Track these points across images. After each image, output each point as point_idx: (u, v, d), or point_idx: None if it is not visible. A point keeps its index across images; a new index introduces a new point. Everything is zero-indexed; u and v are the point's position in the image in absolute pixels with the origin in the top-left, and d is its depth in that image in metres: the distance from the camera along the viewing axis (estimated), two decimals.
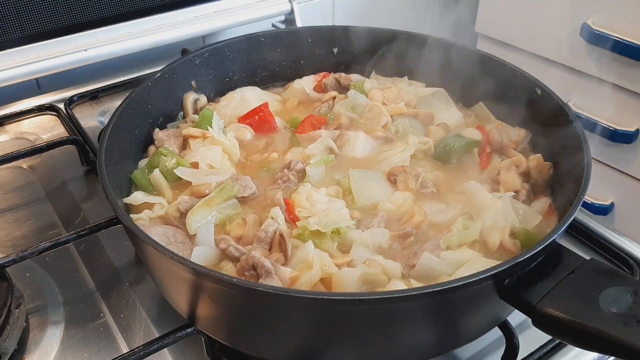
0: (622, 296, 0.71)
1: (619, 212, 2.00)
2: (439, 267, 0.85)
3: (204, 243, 0.90)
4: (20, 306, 0.93)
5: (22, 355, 0.90)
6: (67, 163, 1.29)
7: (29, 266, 1.04)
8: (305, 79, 1.33)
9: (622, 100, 1.84)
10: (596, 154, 1.87)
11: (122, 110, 1.03)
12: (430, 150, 1.12)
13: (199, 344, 0.88)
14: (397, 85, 1.28)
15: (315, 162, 1.06)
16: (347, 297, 0.72)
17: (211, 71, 1.27)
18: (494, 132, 1.13)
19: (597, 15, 1.80)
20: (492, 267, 0.73)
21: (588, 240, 1.11)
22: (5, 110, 1.44)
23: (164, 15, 1.57)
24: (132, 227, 0.80)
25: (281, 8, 1.74)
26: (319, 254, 0.87)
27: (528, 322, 0.76)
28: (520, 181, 1.04)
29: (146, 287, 1.01)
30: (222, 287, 0.73)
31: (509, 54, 2.04)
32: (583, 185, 0.87)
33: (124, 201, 0.98)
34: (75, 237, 0.98)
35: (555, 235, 0.77)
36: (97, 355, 0.91)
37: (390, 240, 0.93)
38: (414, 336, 0.81)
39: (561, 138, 1.01)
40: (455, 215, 0.96)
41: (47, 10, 1.41)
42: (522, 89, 1.12)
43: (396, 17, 2.24)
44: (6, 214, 1.18)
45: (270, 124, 1.19)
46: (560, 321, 0.71)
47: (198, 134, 1.10)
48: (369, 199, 1.00)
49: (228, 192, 0.97)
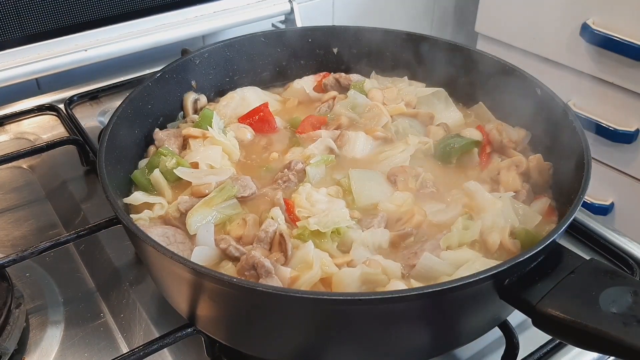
0: (622, 296, 0.71)
1: (619, 212, 2.00)
2: (439, 267, 0.85)
3: (204, 243, 0.90)
4: (20, 306, 0.93)
5: (22, 355, 0.90)
6: (67, 163, 1.29)
7: (29, 266, 1.04)
8: (305, 79, 1.33)
9: (622, 100, 1.84)
10: (596, 154, 1.87)
11: (122, 110, 1.03)
12: (430, 150, 1.12)
13: (199, 344, 0.88)
14: (397, 85, 1.28)
15: (315, 162, 1.06)
16: (347, 297, 0.72)
17: (211, 71, 1.27)
18: (494, 132, 1.13)
19: (597, 15, 1.80)
20: (492, 267, 0.73)
21: (588, 240, 1.11)
22: (5, 110, 1.44)
23: (164, 15, 1.57)
24: (132, 227, 0.80)
25: (281, 8, 1.74)
26: (319, 254, 0.87)
27: (528, 322, 0.76)
28: (520, 181, 1.04)
29: (146, 287, 1.01)
30: (222, 287, 0.73)
31: (509, 54, 2.04)
32: (583, 185, 0.87)
33: (124, 201, 0.98)
34: (75, 237, 0.98)
35: (555, 235, 0.77)
36: (97, 355, 0.91)
37: (391, 240, 0.93)
38: (414, 336, 0.81)
39: (561, 138, 1.01)
40: (455, 215, 0.96)
41: (47, 10, 1.41)
42: (522, 89, 1.12)
43: (396, 16, 2.24)
44: (6, 214, 1.18)
45: (270, 124, 1.19)
46: (560, 321, 0.71)
47: (198, 134, 1.10)
48: (369, 199, 1.00)
49: (228, 192, 0.97)
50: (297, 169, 1.04)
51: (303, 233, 0.90)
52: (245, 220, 0.93)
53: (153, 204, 0.99)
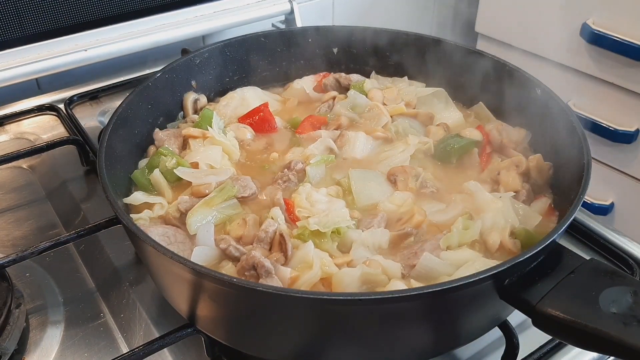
0: (622, 296, 0.71)
1: (619, 212, 2.00)
2: (439, 267, 0.85)
3: (204, 243, 0.90)
4: (20, 306, 0.93)
5: (22, 355, 0.90)
6: (67, 163, 1.29)
7: (29, 266, 1.04)
8: (305, 79, 1.33)
9: (622, 100, 1.84)
10: (596, 154, 1.87)
11: (122, 110, 1.03)
12: (430, 150, 1.12)
13: (199, 344, 0.88)
14: (397, 85, 1.28)
15: (315, 162, 1.06)
16: (347, 297, 0.72)
17: (211, 71, 1.27)
18: (494, 132, 1.13)
19: (597, 15, 1.80)
20: (492, 267, 0.73)
21: (588, 240, 1.11)
22: (5, 110, 1.43)
23: (164, 15, 1.57)
24: (132, 227, 0.80)
25: (281, 8, 1.74)
26: (319, 254, 0.87)
27: (528, 322, 0.76)
28: (520, 181, 1.04)
29: (146, 287, 1.01)
30: (222, 287, 0.73)
31: (509, 54, 2.04)
32: (583, 185, 0.87)
33: (124, 201, 0.98)
34: (75, 237, 0.98)
35: (555, 235, 0.77)
36: (97, 355, 0.91)
37: (391, 240, 0.93)
38: (414, 336, 0.81)
39: (561, 138, 1.01)
40: (455, 215, 0.96)
41: (47, 10, 1.42)
42: (522, 89, 1.12)
43: (396, 17, 2.24)
44: (6, 214, 1.18)
45: (270, 124, 1.19)
46: (560, 321, 0.71)
47: (198, 134, 1.10)
48: (369, 199, 1.00)
49: (228, 192, 0.97)
50: (297, 169, 1.04)
51: (303, 233, 0.90)
52: (245, 220, 0.93)
53: (153, 204, 0.99)
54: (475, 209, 0.98)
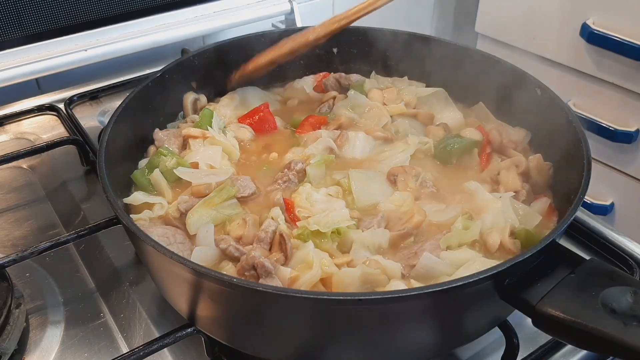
0: (622, 296, 0.71)
1: (619, 212, 2.00)
2: (439, 267, 0.85)
3: (204, 243, 0.90)
4: (20, 306, 0.93)
5: (22, 355, 0.90)
6: (67, 163, 1.29)
7: (29, 266, 1.04)
8: (305, 79, 1.34)
9: (622, 100, 1.84)
10: (596, 154, 1.87)
11: (122, 110, 1.03)
12: (430, 151, 1.12)
13: (199, 344, 0.88)
14: (397, 85, 1.28)
15: (315, 162, 1.06)
16: (347, 297, 0.72)
17: (211, 71, 1.27)
18: (494, 132, 1.13)
19: (597, 15, 1.80)
20: (492, 267, 0.73)
21: (588, 240, 1.11)
22: (5, 110, 1.44)
23: (164, 15, 1.57)
24: (132, 227, 0.80)
25: (281, 8, 1.74)
26: (319, 254, 0.87)
27: (528, 322, 0.76)
28: (520, 181, 1.04)
29: (146, 287, 1.01)
30: (222, 287, 0.73)
31: (509, 54, 2.04)
32: (583, 185, 0.87)
33: (124, 201, 0.98)
34: (75, 237, 0.98)
35: (555, 235, 0.77)
36: (97, 355, 0.91)
37: (390, 240, 0.93)
38: (414, 336, 0.81)
39: (561, 138, 1.01)
40: (455, 215, 0.96)
41: (47, 10, 1.42)
42: (522, 89, 1.12)
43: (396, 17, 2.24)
44: (6, 214, 1.18)
45: (270, 124, 1.19)
46: (560, 321, 0.71)
47: (198, 134, 1.10)
48: (369, 199, 1.00)
49: (228, 192, 0.97)
50: (297, 169, 1.04)
51: (303, 233, 0.90)
52: (245, 220, 0.93)
53: (153, 204, 0.99)
54: (475, 209, 0.98)
